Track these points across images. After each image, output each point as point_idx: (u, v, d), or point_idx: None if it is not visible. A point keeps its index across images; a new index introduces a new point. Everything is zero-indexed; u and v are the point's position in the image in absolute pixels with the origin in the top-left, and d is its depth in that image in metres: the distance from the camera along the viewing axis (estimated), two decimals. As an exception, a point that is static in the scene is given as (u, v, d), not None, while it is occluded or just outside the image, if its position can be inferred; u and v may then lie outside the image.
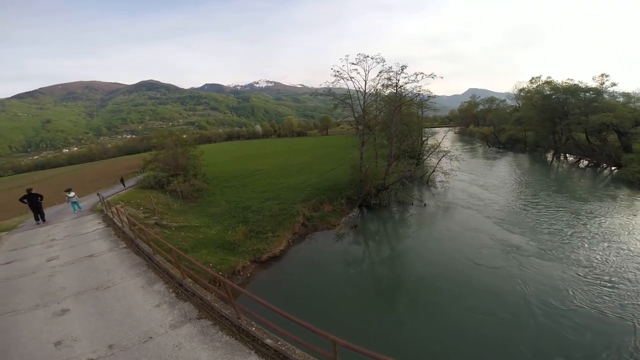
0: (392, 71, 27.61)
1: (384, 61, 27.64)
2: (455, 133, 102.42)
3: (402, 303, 12.73)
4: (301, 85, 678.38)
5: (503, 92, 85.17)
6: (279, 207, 23.18)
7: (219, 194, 30.07)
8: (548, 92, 51.38)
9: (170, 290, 7.95)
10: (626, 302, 11.76)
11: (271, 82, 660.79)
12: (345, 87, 29.55)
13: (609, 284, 12.96)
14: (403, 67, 27.33)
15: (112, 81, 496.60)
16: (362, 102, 29.57)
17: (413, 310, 12.06)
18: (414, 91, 29.19)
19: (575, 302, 11.98)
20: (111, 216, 15.75)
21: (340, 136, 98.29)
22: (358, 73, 28.49)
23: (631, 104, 42.47)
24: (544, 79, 54.64)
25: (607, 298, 12.05)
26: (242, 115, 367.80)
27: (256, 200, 25.82)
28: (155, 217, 20.05)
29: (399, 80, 27.74)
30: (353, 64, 27.74)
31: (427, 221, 22.28)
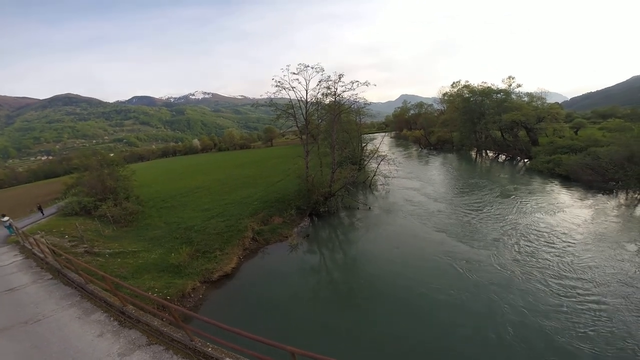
0: (331, 80, 28.83)
1: (323, 70, 28.69)
2: (391, 138, 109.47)
3: (359, 305, 13.34)
4: (242, 96, 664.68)
5: (430, 97, 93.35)
6: (225, 224, 22.61)
7: (156, 216, 28.17)
8: (467, 95, 58.23)
9: (112, 318, 7.49)
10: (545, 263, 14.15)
11: (208, 94, 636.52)
12: (287, 97, 30.08)
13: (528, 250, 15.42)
14: (340, 76, 28.67)
15: (20, 95, 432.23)
16: (304, 112, 30.31)
17: (370, 311, 12.72)
18: (351, 99, 30.81)
19: (503, 271, 14.12)
20: (30, 247, 14.09)
21: (286, 147, 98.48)
22: (299, 83, 29.11)
23: (534, 103, 49.85)
24: (463, 82, 61.89)
25: (526, 261, 14.63)
26: (178, 129, 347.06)
27: (199, 219, 24.78)
28: (85, 245, 18.34)
29: (336, 89, 29.04)
30: (294, 73, 28.37)
31: (374, 224, 23.72)
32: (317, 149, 36.91)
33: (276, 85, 28.86)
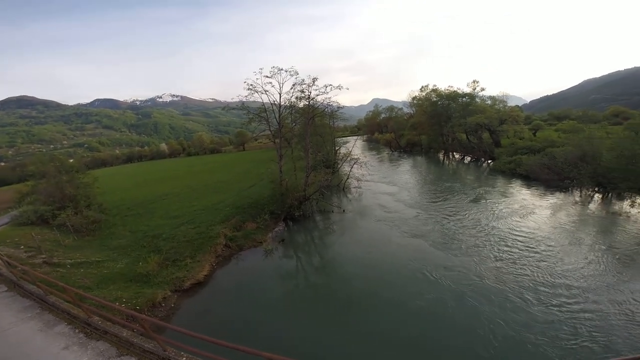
0: (305, 83, 28.90)
1: (297, 74, 28.77)
2: (363, 141, 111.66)
3: (336, 310, 13.50)
4: (212, 99, 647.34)
5: (401, 100, 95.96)
6: (196, 231, 22.15)
7: (121, 225, 27.02)
8: (435, 99, 60.76)
9: (77, 330, 7.23)
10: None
11: (177, 96, 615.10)
12: (260, 100, 29.84)
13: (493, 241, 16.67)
14: (314, 80, 28.85)
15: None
16: (277, 115, 30.22)
17: (348, 314, 12.96)
18: (325, 102, 31.22)
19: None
20: (-20, 258, 13.06)
21: (259, 151, 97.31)
22: (272, 86, 29.00)
23: (496, 106, 52.90)
24: (431, 87, 64.49)
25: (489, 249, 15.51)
26: (144, 133, 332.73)
27: (167, 227, 24.09)
28: (43, 256, 17.42)
29: (310, 92, 29.19)
30: (267, 77, 28.22)
31: (348, 227, 24.24)
32: (291, 153, 36.95)
33: (248, 89, 28.67)
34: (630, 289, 12.61)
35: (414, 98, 71.06)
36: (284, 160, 30.28)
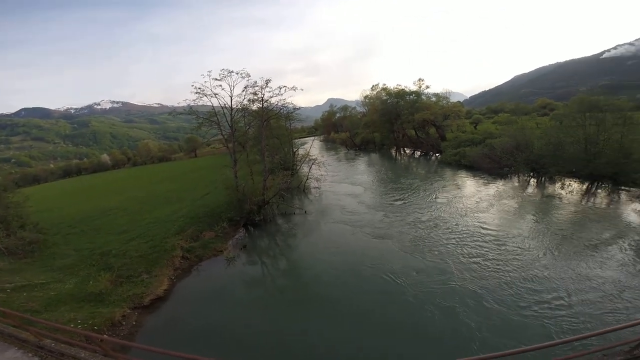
0: (257, 85, 28.54)
1: (249, 76, 28.24)
2: (321, 141, 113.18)
3: (306, 314, 13.63)
4: (158, 104, 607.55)
5: (354, 99, 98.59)
6: (149, 245, 21.19)
7: (63, 244, 24.98)
8: (385, 97, 63.55)
9: (30, 354, 6.81)
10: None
11: (118, 102, 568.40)
12: (210, 104, 29.02)
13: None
14: (267, 81, 28.58)
15: None
16: (229, 119, 29.62)
17: (320, 316, 13.16)
18: (279, 104, 31.04)
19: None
20: None
21: (212, 157, 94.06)
22: (223, 89, 28.11)
23: (441, 102, 56.82)
24: (381, 85, 67.31)
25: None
26: (82, 144, 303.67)
27: (117, 243, 22.75)
28: (-24, 281, 15.52)
29: (264, 95, 28.92)
30: (217, 80, 27.46)
31: (312, 228, 24.69)
32: (247, 157, 36.45)
33: (196, 92, 27.83)
34: (567, 264, 14.53)
35: (366, 97, 73.58)
36: (239, 165, 29.74)
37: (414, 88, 59.57)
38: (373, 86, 69.02)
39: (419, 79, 59.44)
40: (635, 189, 24.89)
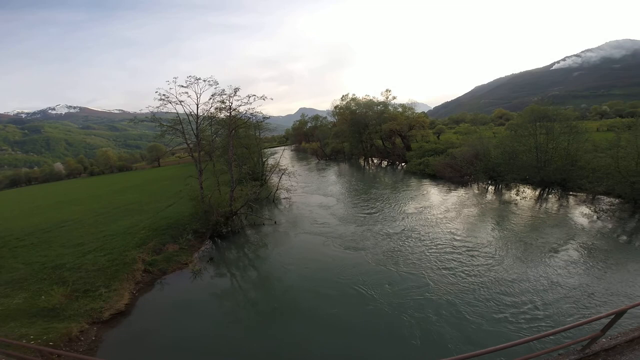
0: (225, 94, 28.06)
1: (217, 84, 27.77)
2: (291, 150, 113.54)
3: (282, 322, 13.59)
4: (120, 110, 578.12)
5: (326, 109, 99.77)
6: (107, 259, 20.14)
7: (10, 257, 23.13)
8: (354, 108, 65.07)
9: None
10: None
11: (75, 108, 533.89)
12: (175, 111, 28.27)
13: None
14: (236, 90, 28.16)
15: None
16: (195, 127, 28.84)
17: (294, 327, 13.11)
18: (247, 113, 30.61)
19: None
20: None
21: (177, 166, 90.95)
22: (189, 96, 27.52)
23: (406, 113, 59.07)
24: (351, 96, 68.80)
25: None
26: (32, 151, 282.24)
27: (71, 256, 21.38)
28: None
29: (232, 103, 28.46)
30: (183, 86, 26.85)
31: (282, 239, 24.55)
32: (213, 167, 35.58)
33: (160, 99, 27.00)
34: (529, 269, 15.52)
35: (336, 107, 74.65)
36: (205, 175, 28.97)
37: (381, 99, 61.57)
38: (343, 96, 70.50)
39: (387, 90, 61.60)
40: (582, 194, 27.22)
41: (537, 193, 29.95)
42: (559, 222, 21.93)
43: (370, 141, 62.77)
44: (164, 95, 26.74)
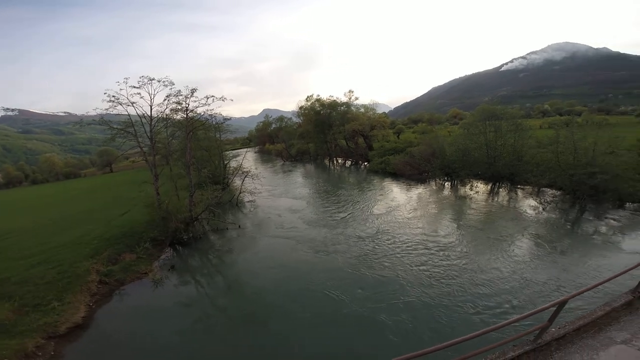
0: (182, 95, 27.39)
1: (173, 84, 27.09)
2: (255, 152, 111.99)
3: (255, 327, 13.56)
4: (65, 112, 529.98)
5: (290, 110, 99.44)
6: (57, 271, 19.02)
7: (-56, 273, 20.99)
8: (318, 108, 65.80)
9: None
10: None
11: (13, 110, 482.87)
12: (126, 113, 27.02)
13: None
14: (193, 90, 27.57)
15: None
16: (148, 130, 27.67)
17: (267, 331, 13.15)
18: (206, 115, 30.00)
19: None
20: None
21: (131, 171, 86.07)
22: (142, 97, 26.53)
23: (368, 113, 60.90)
24: (315, 97, 69.36)
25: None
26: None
27: (15, 270, 19.88)
28: None
29: (188, 105, 27.79)
30: (135, 87, 25.77)
31: (248, 243, 24.28)
32: (170, 171, 34.24)
33: (110, 101, 25.69)
34: (495, 263, 16.64)
35: (301, 108, 74.66)
36: (161, 180, 27.88)
37: (345, 99, 62.89)
38: (308, 97, 70.81)
39: (349, 91, 63.10)
40: (528, 187, 29.89)
41: (489, 187, 32.47)
42: (511, 215, 24.10)
43: (335, 141, 63.96)
44: (113, 96, 25.65)
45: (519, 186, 31.11)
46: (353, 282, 16.07)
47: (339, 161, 62.87)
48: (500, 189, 31.74)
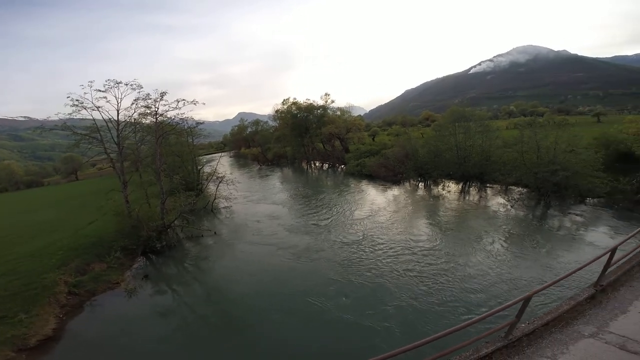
0: (151, 98, 26.85)
1: (141, 87, 26.60)
2: (230, 157, 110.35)
3: (238, 336, 13.49)
4: (26, 117, 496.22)
5: (266, 114, 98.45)
6: (21, 282, 18.30)
7: None
8: (295, 112, 65.91)
9: None
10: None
11: None
12: (91, 117, 26.40)
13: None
14: (163, 94, 27.01)
15: None
16: (116, 136, 26.84)
17: (252, 339, 13.09)
18: (177, 118, 29.58)
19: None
20: None
21: (98, 179, 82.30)
22: (108, 101, 25.90)
23: (344, 117, 61.88)
24: (292, 100, 69.35)
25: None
26: None
27: (-26, 282, 18.85)
28: None
29: (158, 109, 27.16)
30: (101, 91, 25.05)
31: (226, 250, 24.04)
32: (140, 178, 33.21)
33: (73, 105, 24.84)
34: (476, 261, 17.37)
35: (277, 111, 74.32)
36: (130, 188, 27.08)
37: (321, 102, 63.43)
38: (284, 100, 70.59)
39: (326, 94, 63.56)
40: (497, 185, 31.51)
41: (460, 187, 33.94)
42: (483, 214, 25.56)
43: (312, 145, 64.36)
44: (77, 100, 25.00)
45: (488, 185, 32.74)
46: (338, 289, 15.81)
47: (317, 164, 63.38)
48: (471, 188, 33.27)
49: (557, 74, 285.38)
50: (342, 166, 53.01)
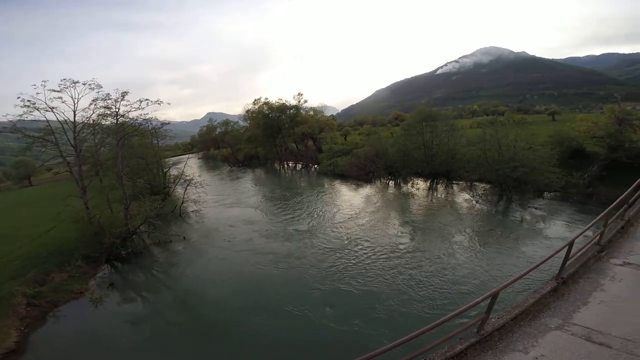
0: (111, 98, 25.78)
1: (101, 87, 25.50)
2: (199, 158, 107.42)
3: (215, 341, 13.50)
4: None
5: (237, 114, 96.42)
6: None
7: None
8: (267, 112, 65.36)
9: None
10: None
11: None
12: (44, 119, 25.06)
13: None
14: (124, 94, 26.03)
15: None
16: (72, 138, 25.52)
17: (231, 342, 13.22)
18: (139, 119, 28.48)
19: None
20: None
21: (55, 184, 77.15)
22: (64, 102, 24.64)
23: (317, 116, 62.28)
24: (263, 100, 68.58)
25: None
26: None
27: None
28: None
29: (119, 109, 26.12)
30: (55, 91, 23.78)
31: (196, 255, 23.54)
32: (100, 183, 31.60)
33: (24, 106, 23.45)
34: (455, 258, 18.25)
35: (248, 111, 73.17)
36: (90, 193, 25.84)
37: (294, 102, 63.30)
38: (255, 100, 69.56)
39: (299, 94, 63.36)
40: (462, 182, 33.19)
41: (428, 184, 35.39)
42: (450, 210, 26.98)
43: (284, 145, 64.17)
44: (29, 101, 23.58)
45: (454, 182, 34.50)
46: (322, 296, 15.84)
47: (290, 165, 63.29)
48: (438, 185, 34.88)
49: (516, 74, 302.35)
50: (316, 166, 53.38)
